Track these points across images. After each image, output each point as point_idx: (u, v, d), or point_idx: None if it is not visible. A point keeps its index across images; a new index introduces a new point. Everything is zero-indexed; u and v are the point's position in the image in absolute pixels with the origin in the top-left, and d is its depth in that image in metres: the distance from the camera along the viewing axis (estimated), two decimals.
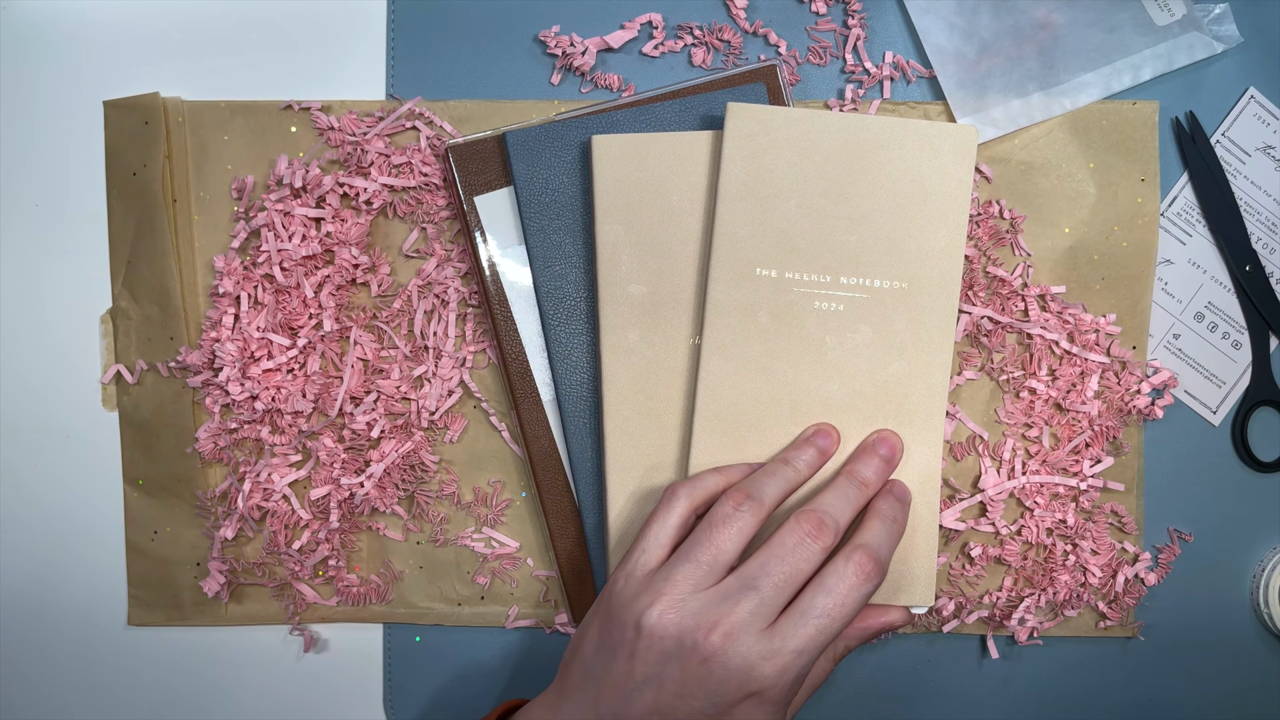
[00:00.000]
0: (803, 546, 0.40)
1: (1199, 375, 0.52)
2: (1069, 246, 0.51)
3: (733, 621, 0.38)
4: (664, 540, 0.41)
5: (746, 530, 0.40)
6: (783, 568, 0.39)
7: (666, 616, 0.39)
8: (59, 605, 0.52)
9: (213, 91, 0.52)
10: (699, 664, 0.38)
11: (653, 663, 0.38)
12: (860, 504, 0.43)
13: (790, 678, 0.38)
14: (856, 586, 0.39)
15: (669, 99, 0.49)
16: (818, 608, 0.39)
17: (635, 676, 0.39)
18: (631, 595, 0.40)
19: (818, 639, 0.38)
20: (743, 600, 0.38)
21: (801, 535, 0.40)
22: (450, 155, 0.49)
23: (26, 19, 0.52)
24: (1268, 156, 0.52)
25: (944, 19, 0.51)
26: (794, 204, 0.46)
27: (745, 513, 0.41)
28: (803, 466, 0.44)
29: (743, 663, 0.38)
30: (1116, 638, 0.52)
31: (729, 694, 0.38)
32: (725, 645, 0.38)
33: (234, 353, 0.49)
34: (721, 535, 0.40)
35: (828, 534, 0.40)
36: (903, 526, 0.43)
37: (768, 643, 0.38)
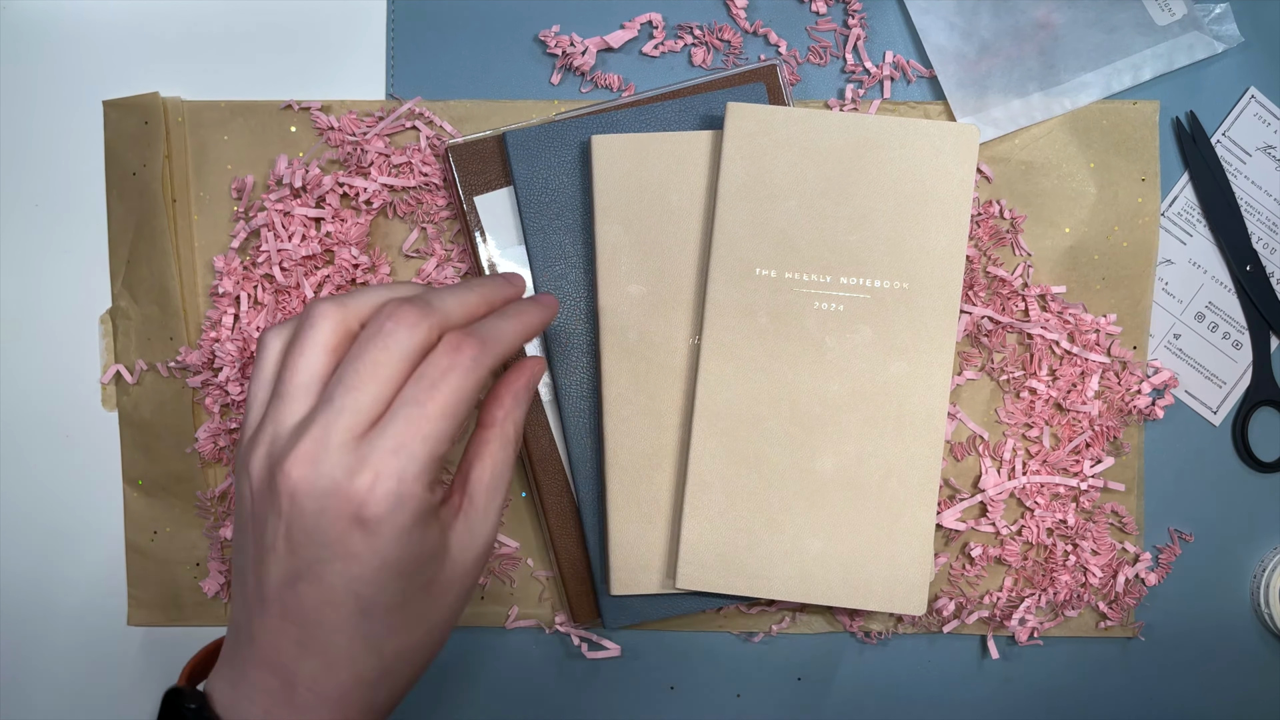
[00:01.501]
0: (380, 334, 0.33)
1: (1199, 375, 0.52)
2: (1069, 246, 0.51)
3: (309, 443, 0.32)
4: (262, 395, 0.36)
5: (327, 339, 0.34)
6: (357, 365, 0.33)
7: (260, 467, 0.33)
8: (59, 605, 0.52)
9: (213, 91, 0.52)
10: (289, 503, 0.32)
11: (260, 526, 0.33)
12: (471, 302, 0.37)
13: (390, 485, 0.32)
14: (448, 364, 0.34)
15: (669, 99, 0.49)
16: (406, 398, 0.33)
17: (258, 548, 0.34)
18: (239, 466, 0.35)
19: (411, 430, 0.32)
20: (318, 417, 0.33)
21: (381, 321, 0.34)
22: (450, 155, 0.49)
23: (26, 19, 0.52)
24: (1268, 156, 0.52)
25: (944, 19, 0.51)
26: (794, 204, 0.46)
27: (320, 317, 0.34)
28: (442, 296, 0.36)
29: (329, 483, 0.32)
30: (1117, 638, 0.52)
31: (330, 525, 0.32)
32: (306, 470, 0.32)
33: (234, 353, 0.49)
34: (296, 353, 0.34)
35: (410, 312, 0.34)
36: (532, 321, 0.38)
37: (354, 453, 0.32)
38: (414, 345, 0.34)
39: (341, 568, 0.33)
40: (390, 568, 0.33)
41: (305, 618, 0.33)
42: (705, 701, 0.52)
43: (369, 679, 0.35)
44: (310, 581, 0.33)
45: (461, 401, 0.34)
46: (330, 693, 0.34)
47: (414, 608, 0.35)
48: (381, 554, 0.33)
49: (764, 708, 0.52)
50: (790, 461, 0.46)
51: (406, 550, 0.33)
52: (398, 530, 0.33)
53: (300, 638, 0.34)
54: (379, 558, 0.33)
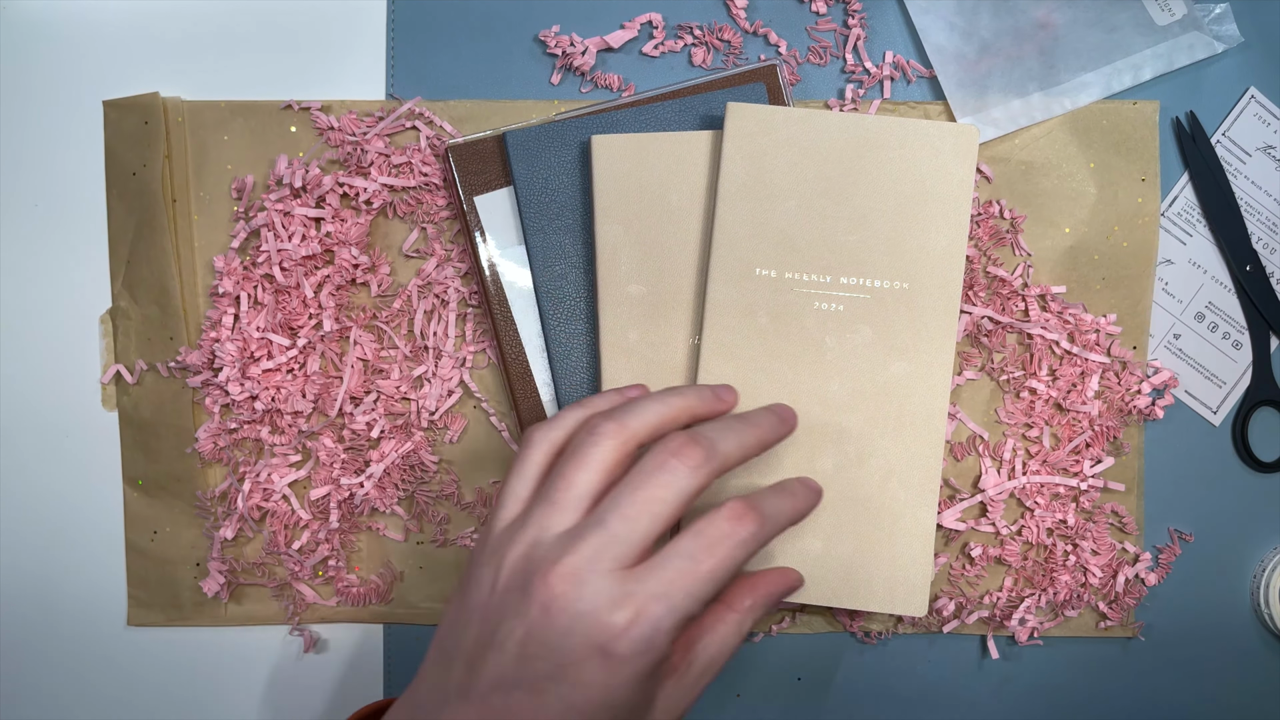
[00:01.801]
0: (664, 469, 0.34)
1: (1199, 375, 0.52)
2: (1069, 246, 0.51)
3: (577, 560, 0.32)
4: (523, 493, 0.36)
5: (606, 457, 0.35)
6: (637, 496, 0.33)
7: (517, 565, 0.33)
8: (59, 605, 0.52)
9: (213, 91, 0.52)
10: (540, 613, 0.32)
11: (496, 621, 0.33)
12: (749, 443, 0.37)
13: (646, 629, 0.32)
14: (728, 531, 0.34)
15: (669, 99, 0.49)
16: (682, 550, 0.33)
17: (483, 639, 0.33)
18: (489, 552, 0.35)
19: (680, 584, 0.33)
20: (589, 536, 0.33)
21: (665, 455, 0.34)
22: (450, 155, 0.49)
23: (26, 19, 0.52)
24: (1268, 156, 0.52)
25: (944, 19, 0.51)
26: (794, 204, 0.46)
27: (603, 436, 0.35)
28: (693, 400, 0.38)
29: (589, 607, 0.32)
30: (1117, 638, 0.52)
31: (573, 647, 0.32)
32: (568, 588, 0.32)
33: (234, 353, 0.49)
34: (574, 466, 0.35)
35: (698, 451, 0.34)
36: (803, 506, 0.38)
37: (620, 586, 0.32)
38: (694, 488, 0.34)
39: (567, 692, 0.32)
40: (610, 708, 0.33)
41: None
42: (705, 701, 0.52)
43: None
44: (529, 693, 0.32)
45: (731, 571, 0.34)
46: None
47: None
48: (610, 692, 0.33)
49: (764, 708, 0.52)
50: (790, 461, 0.46)
51: (631, 696, 0.33)
52: (635, 674, 0.33)
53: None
54: (606, 695, 0.33)
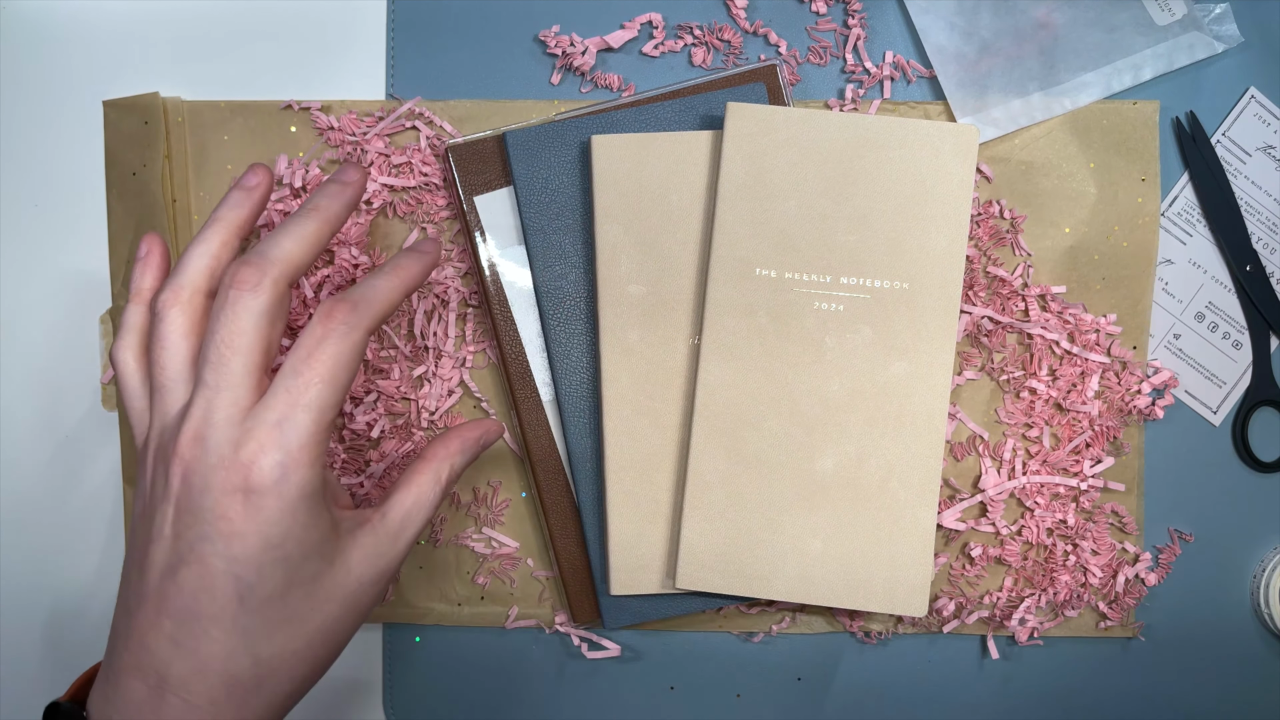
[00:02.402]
0: (227, 303, 0.33)
1: (1199, 375, 0.52)
2: (1069, 246, 0.51)
3: (194, 424, 0.33)
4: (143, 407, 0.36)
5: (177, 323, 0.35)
6: (215, 340, 0.33)
7: (150, 459, 0.34)
8: (59, 605, 0.52)
9: (213, 91, 0.52)
10: (181, 485, 0.33)
11: (150, 515, 0.34)
12: (308, 233, 0.36)
13: (276, 455, 0.32)
14: (322, 332, 0.34)
15: (669, 99, 0.49)
16: (285, 370, 0.33)
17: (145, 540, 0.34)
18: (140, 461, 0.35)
19: (294, 400, 0.33)
20: (196, 400, 0.33)
21: (224, 290, 0.33)
22: (450, 155, 0.49)
23: (26, 19, 0.52)
24: (1268, 156, 0.52)
25: (944, 19, 0.51)
26: (794, 204, 0.46)
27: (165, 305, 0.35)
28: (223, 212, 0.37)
29: (216, 458, 0.32)
30: (1117, 638, 0.52)
31: (215, 501, 0.32)
32: (195, 451, 0.33)
33: None
34: (156, 349, 0.35)
35: (250, 271, 0.33)
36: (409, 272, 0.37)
37: (239, 427, 0.33)
38: (266, 305, 0.34)
39: (223, 547, 0.32)
40: (273, 548, 0.33)
41: (182, 608, 0.33)
42: (705, 701, 0.52)
43: (243, 683, 0.33)
44: (191, 564, 0.33)
45: (341, 367, 0.34)
46: (200, 698, 0.33)
47: (295, 605, 0.34)
48: (264, 529, 0.33)
49: (764, 708, 0.52)
50: (790, 462, 0.46)
51: (290, 529, 0.33)
52: (283, 504, 0.33)
53: (174, 633, 0.33)
54: (261, 534, 0.33)
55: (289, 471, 0.33)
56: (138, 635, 0.33)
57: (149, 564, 0.33)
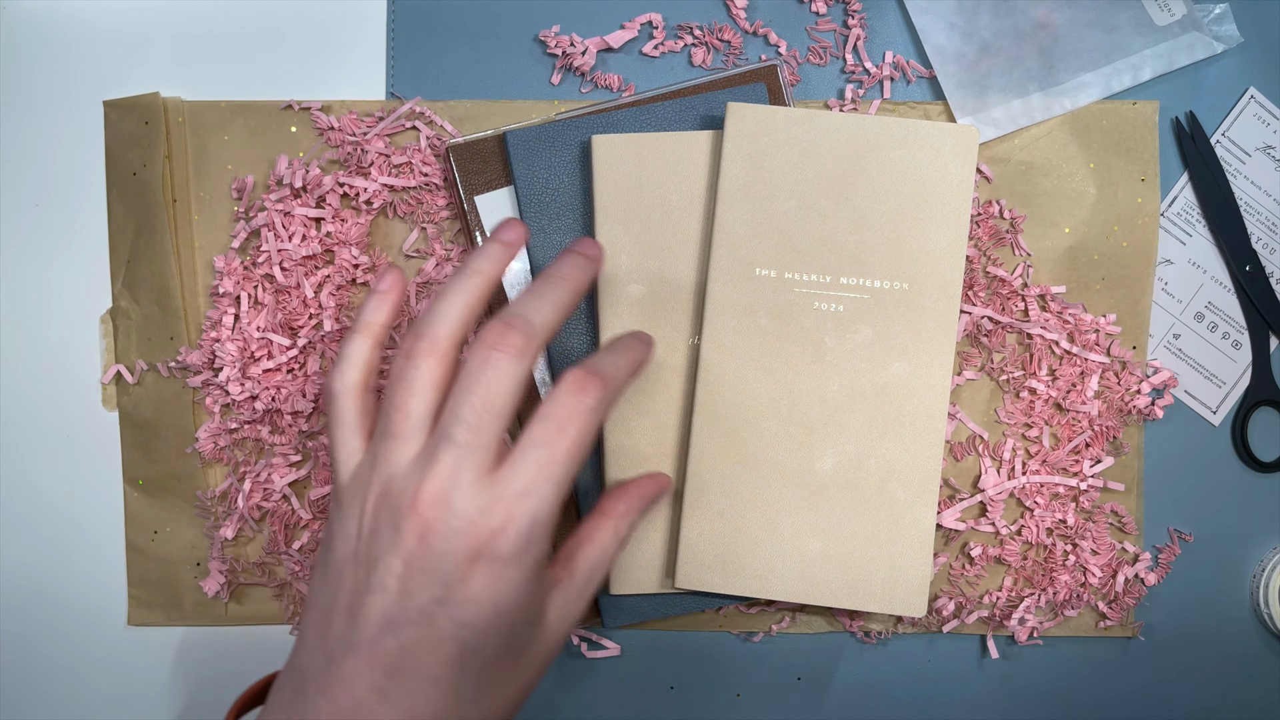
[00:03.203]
0: (490, 365, 0.33)
1: (1199, 375, 0.52)
2: (1069, 246, 0.51)
3: (438, 482, 0.32)
4: (353, 441, 0.35)
5: (430, 374, 0.34)
6: (473, 400, 0.33)
7: (380, 504, 0.33)
8: (59, 605, 0.52)
9: (213, 91, 0.52)
10: (417, 542, 0.32)
11: (369, 564, 0.33)
12: (562, 301, 0.36)
13: (522, 526, 0.33)
14: (575, 405, 0.34)
15: (669, 99, 0.49)
16: (535, 438, 0.33)
17: (359, 586, 0.33)
18: (344, 503, 0.34)
19: (542, 474, 0.33)
20: (441, 455, 0.33)
21: (486, 351, 0.33)
22: (450, 155, 0.49)
23: (26, 19, 0.52)
24: (1268, 156, 0.52)
25: (944, 19, 0.51)
26: (794, 204, 0.46)
27: (419, 355, 0.34)
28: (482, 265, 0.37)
29: (461, 523, 0.32)
30: (1116, 638, 0.52)
31: (456, 565, 0.32)
32: (437, 511, 0.32)
33: (234, 353, 0.49)
34: (403, 394, 0.34)
35: (516, 336, 0.33)
36: (638, 356, 0.38)
37: (486, 492, 0.32)
38: (524, 372, 0.34)
39: (457, 611, 0.32)
40: (501, 616, 0.33)
41: (400, 665, 0.32)
42: (705, 701, 0.52)
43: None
44: (419, 624, 0.32)
45: (587, 445, 0.34)
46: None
47: (505, 669, 0.34)
48: (499, 598, 0.33)
49: (764, 708, 0.52)
50: (790, 461, 0.46)
51: (519, 599, 0.33)
52: (520, 575, 0.33)
53: (386, 688, 0.32)
54: (495, 603, 0.33)
55: (531, 544, 0.33)
56: (342, 683, 0.32)
57: (364, 614, 0.33)
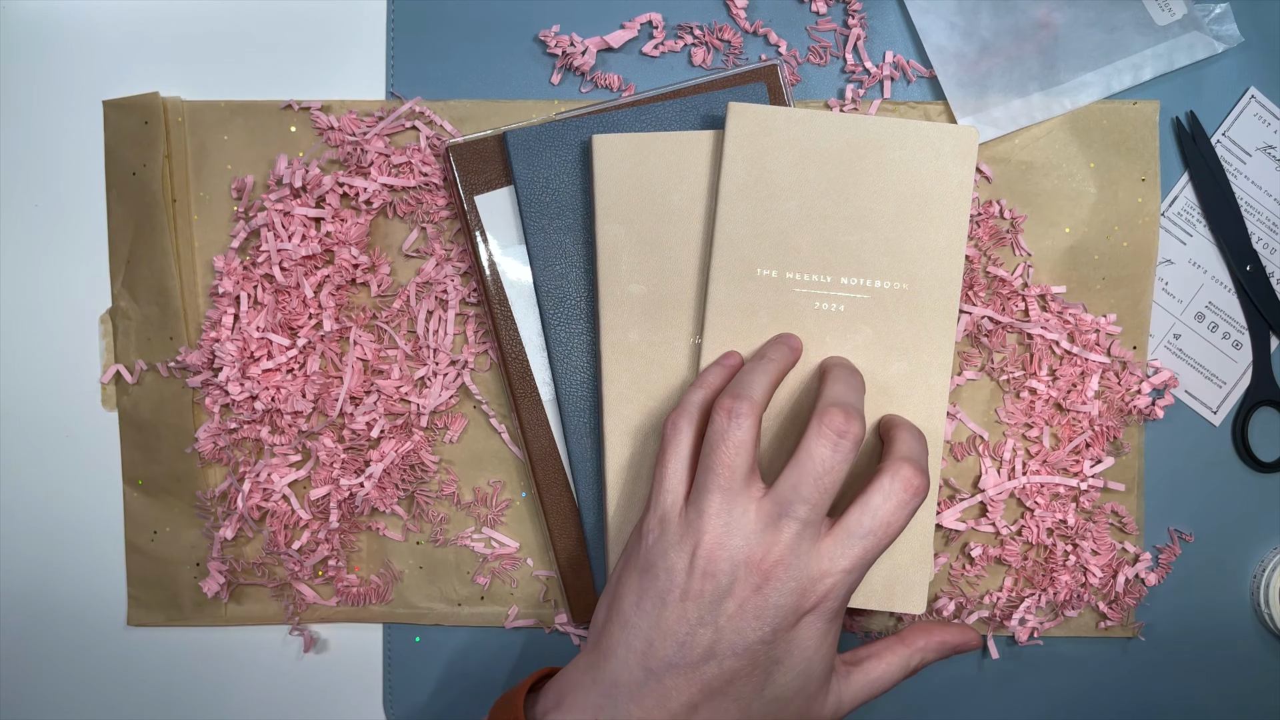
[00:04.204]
0: (834, 451, 0.39)
1: (1199, 375, 0.52)
2: (1069, 246, 0.51)
3: (781, 548, 0.38)
4: (682, 475, 0.41)
5: (748, 434, 0.40)
6: (812, 474, 0.39)
7: (716, 553, 0.38)
8: (58, 605, 0.52)
9: (213, 91, 0.52)
10: (754, 593, 0.38)
11: (707, 602, 0.38)
12: (861, 391, 0.43)
13: (843, 593, 0.39)
14: (903, 504, 0.39)
15: (669, 99, 0.49)
16: (864, 527, 0.39)
17: (689, 619, 0.38)
18: (672, 540, 0.40)
19: (866, 558, 0.39)
20: (785, 525, 0.38)
21: (831, 436, 0.39)
22: (450, 155, 0.49)
23: (26, 19, 0.52)
24: (1268, 156, 0.52)
25: (944, 19, 0.51)
26: (794, 204, 0.46)
27: (741, 417, 0.40)
28: (778, 358, 0.43)
29: (796, 585, 0.38)
30: (1117, 638, 0.52)
31: (785, 617, 0.38)
32: (777, 571, 0.38)
33: (234, 353, 0.49)
34: (728, 451, 0.39)
35: (855, 424, 0.39)
36: None
37: (818, 564, 0.38)
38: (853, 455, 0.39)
39: (778, 652, 0.39)
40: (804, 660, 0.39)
41: (718, 688, 0.39)
42: None
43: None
44: (742, 659, 0.38)
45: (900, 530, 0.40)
46: None
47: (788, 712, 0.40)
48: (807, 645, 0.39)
49: None
50: None
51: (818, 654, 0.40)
52: (829, 635, 0.40)
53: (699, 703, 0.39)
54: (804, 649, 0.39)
55: (839, 614, 0.40)
56: (660, 696, 0.39)
57: (694, 644, 0.38)
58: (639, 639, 0.39)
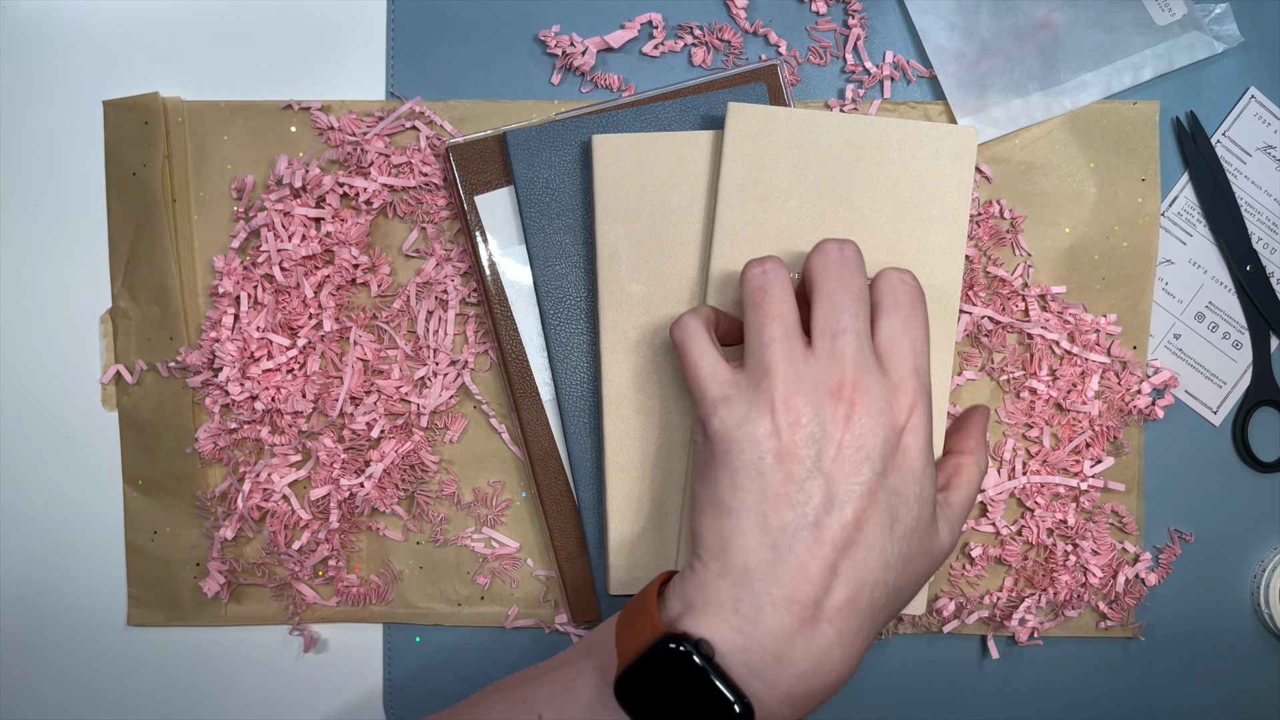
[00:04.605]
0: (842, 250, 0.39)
1: (1199, 375, 0.52)
2: (1069, 246, 0.51)
3: (852, 368, 0.37)
4: (716, 356, 0.40)
5: (787, 281, 0.39)
6: (845, 288, 0.38)
7: (794, 400, 0.37)
8: (58, 605, 0.52)
9: (213, 91, 0.52)
10: (846, 426, 0.37)
11: (805, 453, 0.36)
12: None
13: (925, 397, 0.38)
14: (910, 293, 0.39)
15: (669, 99, 0.49)
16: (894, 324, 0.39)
17: (796, 476, 0.36)
18: (741, 411, 0.37)
19: (918, 350, 0.38)
20: (843, 341, 0.38)
21: (833, 245, 0.39)
22: (450, 155, 0.49)
23: (26, 19, 0.52)
24: (1268, 156, 0.52)
25: (944, 19, 0.51)
26: (794, 204, 0.46)
27: (774, 265, 0.40)
28: None
29: (882, 402, 0.37)
30: (1117, 638, 0.52)
31: (886, 439, 0.37)
32: (859, 395, 0.37)
33: (234, 353, 0.49)
34: (774, 299, 0.39)
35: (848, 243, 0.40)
36: None
37: (887, 378, 0.38)
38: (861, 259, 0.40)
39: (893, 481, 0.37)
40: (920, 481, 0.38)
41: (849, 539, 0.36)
42: None
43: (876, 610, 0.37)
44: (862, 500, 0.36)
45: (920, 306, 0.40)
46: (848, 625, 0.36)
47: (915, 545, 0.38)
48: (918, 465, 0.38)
49: None
50: None
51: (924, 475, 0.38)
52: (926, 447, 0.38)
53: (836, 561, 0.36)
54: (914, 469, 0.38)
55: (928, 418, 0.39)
56: (795, 567, 0.36)
57: (806, 498, 0.36)
58: (751, 518, 0.37)
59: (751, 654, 0.35)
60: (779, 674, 0.35)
